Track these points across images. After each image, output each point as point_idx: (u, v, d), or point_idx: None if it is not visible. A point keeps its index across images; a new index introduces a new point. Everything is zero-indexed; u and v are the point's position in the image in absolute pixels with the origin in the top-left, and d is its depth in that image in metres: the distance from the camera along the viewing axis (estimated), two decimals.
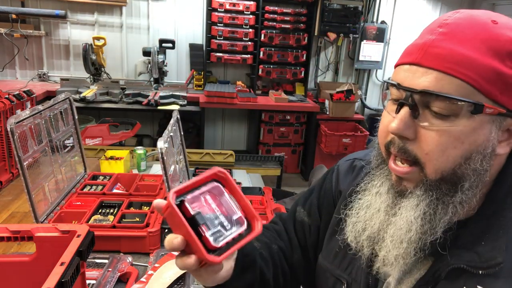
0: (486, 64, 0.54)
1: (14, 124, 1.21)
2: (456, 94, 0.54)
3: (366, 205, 0.67)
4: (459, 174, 0.57)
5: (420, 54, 0.57)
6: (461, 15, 0.59)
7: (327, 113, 4.37)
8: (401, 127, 0.57)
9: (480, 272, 0.56)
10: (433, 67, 0.55)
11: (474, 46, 0.55)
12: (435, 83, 0.55)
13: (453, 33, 0.56)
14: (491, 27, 0.56)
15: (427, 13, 4.90)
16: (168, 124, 1.51)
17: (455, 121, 0.55)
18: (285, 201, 2.47)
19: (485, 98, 0.54)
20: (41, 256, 0.82)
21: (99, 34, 4.09)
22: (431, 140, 0.56)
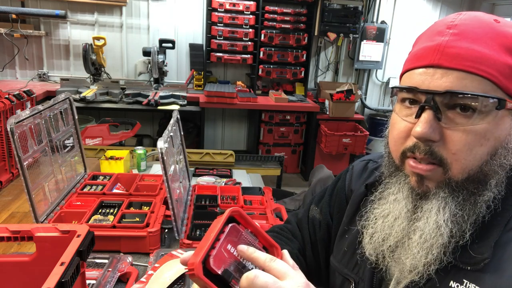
0: (503, 60, 0.55)
1: (14, 124, 1.21)
2: (479, 91, 0.54)
3: (383, 214, 0.66)
4: (486, 171, 0.57)
5: (438, 56, 0.56)
6: (466, 16, 0.59)
7: (327, 113, 4.37)
8: (427, 131, 0.56)
9: (468, 268, 0.57)
10: (453, 67, 0.55)
11: (488, 44, 0.55)
12: (457, 82, 0.55)
13: (465, 33, 0.56)
14: (496, 26, 0.57)
15: (427, 13, 4.90)
16: (168, 124, 1.51)
17: (479, 118, 0.55)
18: (285, 201, 2.46)
19: (504, 94, 0.55)
20: (41, 256, 0.82)
21: (99, 34, 4.09)
22: (457, 139, 0.56)
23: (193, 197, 1.67)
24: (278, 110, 4.28)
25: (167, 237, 1.43)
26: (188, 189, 1.75)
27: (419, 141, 0.58)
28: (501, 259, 0.56)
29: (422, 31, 0.65)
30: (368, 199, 0.72)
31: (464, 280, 0.57)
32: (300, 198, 2.40)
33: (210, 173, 2.17)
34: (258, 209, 1.63)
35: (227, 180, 2.04)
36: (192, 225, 1.44)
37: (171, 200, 1.30)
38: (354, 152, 4.36)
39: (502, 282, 0.54)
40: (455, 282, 0.58)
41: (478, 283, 0.56)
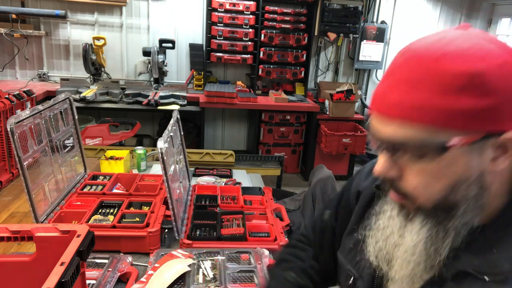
0: (440, 104, 0.53)
1: (14, 124, 1.21)
2: (421, 137, 0.55)
3: (382, 227, 0.69)
4: (451, 202, 0.58)
5: (380, 104, 0.59)
6: (407, 56, 0.58)
7: (327, 113, 4.37)
8: (382, 170, 0.61)
9: (486, 279, 0.56)
10: (393, 115, 0.57)
11: (426, 88, 0.54)
12: (398, 131, 0.57)
13: (403, 79, 0.56)
14: (437, 65, 0.54)
15: (427, 13, 4.90)
16: (168, 124, 1.51)
17: (428, 160, 0.56)
18: (285, 201, 2.46)
19: (452, 133, 0.54)
20: (41, 256, 0.82)
21: (99, 34, 4.09)
22: (413, 178, 0.59)
23: (193, 197, 1.67)
24: (278, 110, 4.28)
25: (167, 237, 1.43)
26: (188, 189, 1.75)
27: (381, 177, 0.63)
28: None
29: (422, 31, 0.64)
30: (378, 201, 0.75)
31: None
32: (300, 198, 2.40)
33: (210, 173, 2.17)
34: (258, 209, 1.63)
35: (227, 180, 2.04)
36: (192, 225, 1.44)
37: (171, 200, 1.30)
38: (354, 152, 4.37)
39: None
40: None
41: None
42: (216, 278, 1.15)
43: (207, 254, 1.26)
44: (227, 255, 1.26)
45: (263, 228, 1.49)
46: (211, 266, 1.21)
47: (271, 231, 1.46)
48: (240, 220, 1.51)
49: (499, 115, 0.53)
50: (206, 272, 1.17)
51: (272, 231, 1.45)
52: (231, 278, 1.16)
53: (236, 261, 1.24)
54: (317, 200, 2.16)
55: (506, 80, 0.53)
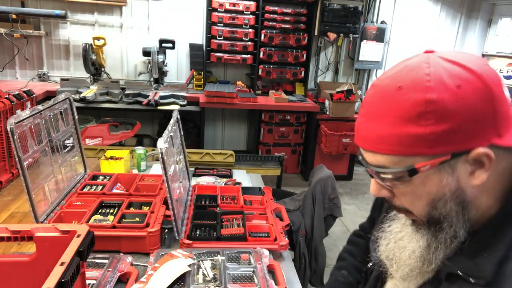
0: (401, 133, 0.58)
1: (14, 124, 1.21)
2: (389, 165, 0.61)
3: (396, 231, 0.76)
4: (436, 217, 0.63)
5: (356, 136, 0.67)
6: (374, 90, 0.64)
7: (327, 113, 4.37)
8: (373, 193, 0.68)
9: (472, 281, 0.60)
10: (364, 148, 0.64)
11: (387, 120, 0.59)
12: (373, 159, 0.63)
13: (370, 113, 0.63)
14: (397, 96, 0.59)
15: (427, 13, 4.90)
16: (168, 124, 1.51)
17: (404, 183, 0.62)
18: (285, 201, 2.46)
19: (419, 158, 0.58)
20: (41, 256, 0.82)
21: (99, 34, 4.09)
22: (400, 198, 0.66)
23: (193, 197, 1.67)
24: (278, 110, 4.28)
25: (167, 237, 1.43)
26: (188, 189, 1.75)
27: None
28: (504, 273, 0.58)
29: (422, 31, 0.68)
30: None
31: None
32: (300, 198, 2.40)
33: (210, 173, 2.17)
34: (258, 209, 1.63)
35: (227, 180, 2.04)
36: (192, 225, 1.44)
37: (171, 200, 1.30)
38: (354, 152, 4.37)
39: None
40: None
41: None
42: (216, 278, 1.15)
43: (207, 254, 1.26)
44: (227, 255, 1.26)
45: (263, 228, 1.49)
46: (211, 266, 1.21)
47: (271, 231, 1.46)
48: (240, 220, 1.51)
49: (463, 135, 0.56)
50: (206, 272, 1.17)
51: (272, 231, 1.45)
52: (231, 278, 1.16)
53: (236, 261, 1.24)
54: (317, 200, 2.16)
55: (462, 103, 0.55)
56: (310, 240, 2.16)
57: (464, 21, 4.99)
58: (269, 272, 1.22)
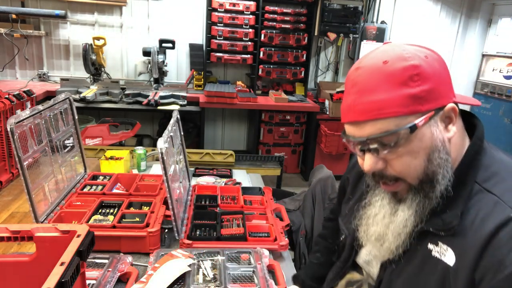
0: (398, 96, 0.69)
1: (14, 124, 1.21)
2: (392, 128, 0.70)
3: (373, 215, 0.86)
4: (430, 173, 0.73)
5: (351, 114, 0.74)
6: (361, 70, 0.74)
7: (327, 113, 4.37)
8: (371, 167, 0.76)
9: (442, 234, 0.74)
10: (364, 119, 0.72)
11: (382, 89, 0.70)
12: (373, 129, 0.72)
13: (363, 88, 0.72)
14: (385, 68, 0.71)
15: (427, 13, 4.90)
16: (168, 124, 1.51)
17: (404, 143, 0.71)
18: (285, 201, 2.46)
19: (414, 115, 0.70)
20: (41, 256, 0.82)
21: (99, 34, 4.09)
22: (397, 164, 0.74)
23: (193, 197, 1.67)
24: (278, 110, 4.28)
25: (167, 237, 1.43)
26: (188, 189, 1.75)
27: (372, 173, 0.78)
28: (465, 223, 0.72)
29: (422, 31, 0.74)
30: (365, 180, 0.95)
31: (439, 242, 0.75)
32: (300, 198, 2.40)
33: (210, 173, 2.17)
34: (258, 209, 1.63)
35: (227, 180, 2.04)
36: (192, 225, 1.44)
37: (171, 200, 1.30)
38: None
39: (465, 241, 0.71)
40: (431, 244, 0.76)
41: (450, 244, 0.73)
42: (216, 278, 1.15)
43: (207, 254, 1.26)
44: (227, 255, 1.26)
45: (263, 228, 1.49)
46: (211, 266, 1.21)
47: (271, 231, 1.46)
48: (240, 220, 1.51)
49: (439, 93, 0.71)
50: (206, 272, 1.17)
51: (272, 231, 1.45)
52: (231, 278, 1.16)
53: (236, 261, 1.24)
54: (317, 200, 2.16)
55: (433, 68, 0.71)
56: (310, 240, 2.15)
57: (464, 21, 4.99)
58: (269, 272, 1.22)
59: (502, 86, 4.62)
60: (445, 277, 0.72)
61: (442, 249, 0.74)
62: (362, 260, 0.95)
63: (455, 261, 0.72)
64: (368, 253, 0.93)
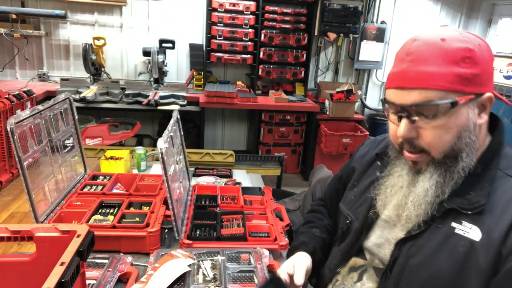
0: (448, 72, 0.76)
1: (14, 124, 1.21)
2: (436, 99, 0.76)
3: (392, 185, 0.91)
4: (456, 149, 0.80)
5: (401, 81, 0.80)
6: (419, 42, 0.79)
7: (327, 113, 4.37)
8: (405, 133, 0.81)
9: (468, 212, 0.79)
10: (413, 87, 0.78)
11: (436, 62, 0.76)
12: (418, 97, 0.77)
13: (418, 58, 0.78)
14: (442, 44, 0.77)
15: (427, 13, 4.90)
16: (168, 124, 1.51)
17: (441, 116, 0.77)
18: (285, 201, 2.46)
19: (457, 94, 0.76)
20: (41, 256, 0.82)
21: (99, 34, 4.09)
22: (429, 134, 0.80)
23: (193, 197, 1.67)
24: (278, 110, 4.28)
25: (167, 237, 1.43)
26: (188, 189, 1.75)
27: (403, 139, 0.83)
28: (492, 203, 0.78)
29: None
30: (377, 165, 1.03)
31: (463, 221, 0.80)
32: (300, 198, 2.40)
33: (210, 173, 2.17)
34: (258, 209, 1.63)
35: (227, 180, 2.04)
36: (192, 225, 1.44)
37: (171, 200, 1.30)
38: (354, 152, 4.36)
39: (492, 219, 0.77)
40: (455, 222, 0.81)
41: (475, 222, 0.78)
42: (216, 278, 1.15)
43: (207, 254, 1.26)
44: (227, 255, 1.26)
45: (263, 228, 1.49)
46: (211, 266, 1.21)
47: (271, 231, 1.46)
48: (240, 220, 1.51)
49: (482, 81, 0.78)
50: (206, 272, 1.17)
51: (272, 231, 1.45)
52: (231, 278, 1.16)
53: (236, 261, 1.24)
54: None
55: (483, 56, 0.78)
56: None
57: (464, 21, 4.98)
58: (269, 272, 1.22)
59: (502, 86, 4.61)
60: (470, 251, 0.77)
61: (466, 227, 0.79)
62: (371, 243, 0.97)
63: (481, 237, 0.76)
64: (379, 236, 0.95)
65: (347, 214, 1.06)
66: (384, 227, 0.95)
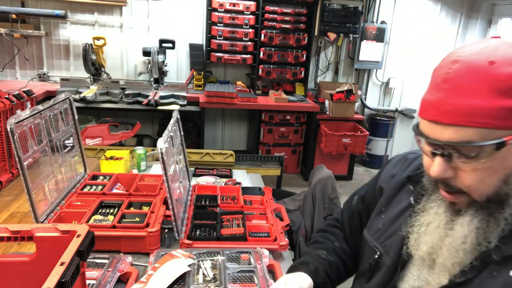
0: (494, 106, 0.60)
1: (14, 124, 1.21)
2: (477, 139, 0.61)
3: (426, 223, 0.77)
4: (502, 194, 0.66)
5: (435, 113, 0.65)
6: (460, 65, 0.63)
7: (327, 113, 4.37)
8: (439, 173, 0.67)
9: None
10: (448, 122, 0.63)
11: (479, 93, 0.61)
12: (455, 135, 0.63)
13: (457, 87, 0.62)
14: (489, 70, 0.61)
15: (427, 13, 4.90)
16: (168, 124, 1.51)
17: (484, 158, 0.63)
18: (285, 201, 2.46)
19: (506, 131, 0.61)
20: (41, 256, 0.82)
21: (99, 34, 4.09)
22: (468, 176, 0.66)
23: (193, 197, 1.67)
24: (278, 110, 4.28)
25: (167, 237, 1.43)
26: (188, 189, 1.75)
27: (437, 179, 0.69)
28: None
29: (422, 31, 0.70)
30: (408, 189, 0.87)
31: None
32: (300, 198, 2.40)
33: (210, 173, 2.17)
34: (258, 209, 1.63)
35: (227, 180, 2.04)
36: (192, 225, 1.44)
37: (171, 200, 1.30)
38: (354, 152, 4.37)
39: None
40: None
41: None
42: (216, 278, 1.15)
43: (207, 254, 1.26)
44: (227, 255, 1.26)
45: (263, 228, 1.49)
46: (211, 266, 1.21)
47: (271, 231, 1.46)
48: (240, 220, 1.51)
49: None
50: (206, 272, 1.17)
51: (272, 231, 1.45)
52: (231, 278, 1.16)
53: (236, 261, 1.24)
54: (317, 200, 2.16)
55: None
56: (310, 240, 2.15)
57: (464, 21, 4.98)
58: (269, 272, 1.22)
59: None
60: None
61: None
62: (408, 285, 0.82)
63: None
64: (417, 278, 0.80)
65: (374, 247, 0.90)
66: (422, 267, 0.80)
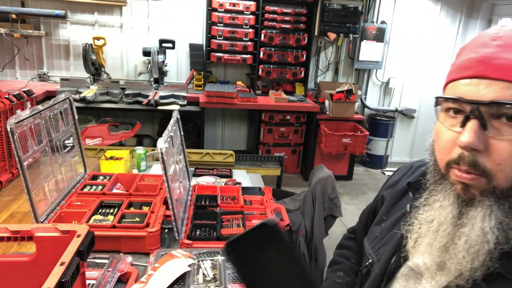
0: None
1: (14, 124, 1.21)
2: None
3: (428, 220, 0.66)
4: None
5: (483, 67, 0.57)
6: (509, 27, 0.60)
7: (327, 113, 4.37)
8: (473, 140, 0.56)
9: None
10: (498, 77, 0.56)
11: None
12: (503, 92, 0.55)
13: (509, 44, 0.57)
14: None
15: (427, 13, 4.90)
16: (168, 124, 1.51)
17: None
18: (285, 201, 2.46)
19: None
20: (41, 256, 0.82)
21: (99, 34, 4.09)
22: (503, 150, 0.56)
23: (193, 197, 1.67)
24: (278, 110, 4.28)
25: (167, 237, 1.43)
26: (188, 189, 1.75)
27: (465, 150, 0.58)
28: None
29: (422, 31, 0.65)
30: (409, 196, 0.80)
31: None
32: (300, 198, 2.40)
33: (210, 173, 2.17)
34: (258, 209, 1.63)
35: (227, 180, 2.04)
36: (192, 225, 1.44)
37: (171, 200, 1.30)
38: (354, 152, 4.37)
39: None
40: None
41: None
42: (216, 278, 1.15)
43: (207, 254, 1.26)
44: None
45: None
46: (211, 266, 1.21)
47: None
48: (240, 220, 1.51)
49: None
50: (206, 272, 1.17)
51: None
52: (231, 278, 1.16)
53: None
54: (317, 200, 2.16)
55: None
56: (310, 240, 2.15)
57: (464, 21, 4.99)
58: None
59: None
60: None
61: None
62: None
63: None
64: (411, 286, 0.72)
65: (369, 254, 0.85)
66: (408, 277, 0.72)
